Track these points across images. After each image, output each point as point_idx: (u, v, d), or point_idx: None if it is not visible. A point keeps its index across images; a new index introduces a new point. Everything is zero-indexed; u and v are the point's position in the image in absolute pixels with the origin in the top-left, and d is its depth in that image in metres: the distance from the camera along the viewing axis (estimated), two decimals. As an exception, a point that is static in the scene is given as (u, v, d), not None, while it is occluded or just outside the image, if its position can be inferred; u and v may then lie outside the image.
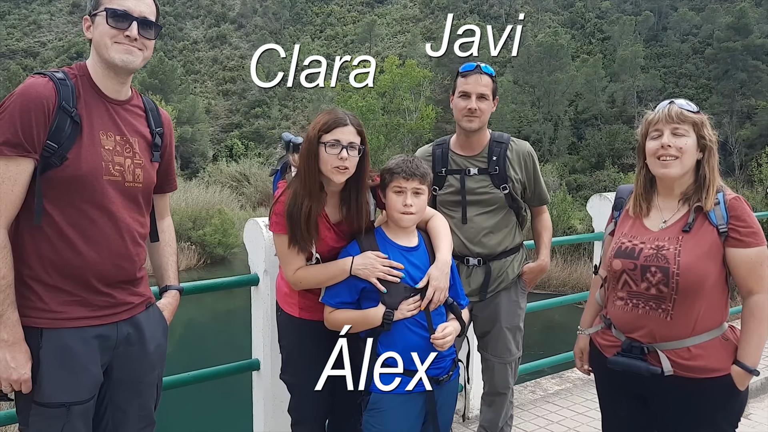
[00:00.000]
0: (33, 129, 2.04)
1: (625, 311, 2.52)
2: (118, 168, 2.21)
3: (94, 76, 2.24)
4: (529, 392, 4.79)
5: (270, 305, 3.31)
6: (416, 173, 2.63)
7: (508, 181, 3.29)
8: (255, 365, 3.45)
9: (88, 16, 2.23)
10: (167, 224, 2.60)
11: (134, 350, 2.28)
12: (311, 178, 2.59)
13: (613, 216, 2.76)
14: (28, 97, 2.06)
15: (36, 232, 2.10)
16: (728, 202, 2.41)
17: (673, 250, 2.40)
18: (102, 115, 2.22)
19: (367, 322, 2.57)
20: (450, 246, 2.74)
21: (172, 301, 2.52)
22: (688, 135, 2.44)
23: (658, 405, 2.51)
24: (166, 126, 2.44)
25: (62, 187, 2.10)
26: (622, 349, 2.51)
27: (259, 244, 3.33)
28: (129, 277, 2.28)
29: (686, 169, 2.46)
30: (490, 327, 3.41)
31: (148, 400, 2.36)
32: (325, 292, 2.68)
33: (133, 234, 2.27)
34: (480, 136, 3.33)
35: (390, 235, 2.69)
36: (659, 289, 2.41)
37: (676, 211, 2.50)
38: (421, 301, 2.57)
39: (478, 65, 3.23)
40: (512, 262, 3.39)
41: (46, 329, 2.09)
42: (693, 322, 2.40)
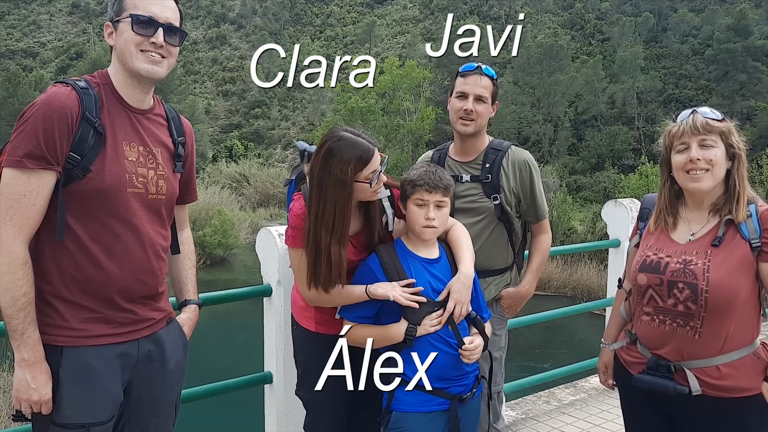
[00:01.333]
0: (56, 141, 1.96)
1: (651, 327, 2.42)
2: (142, 180, 2.14)
3: (116, 84, 2.16)
4: (543, 403, 4.70)
5: (283, 317, 3.23)
6: (439, 185, 2.53)
7: (500, 191, 3.07)
8: (267, 378, 3.36)
9: (110, 22, 2.15)
10: (186, 236, 2.52)
11: (155, 367, 2.21)
12: (342, 224, 2.43)
13: (638, 227, 2.66)
14: (51, 107, 1.98)
15: (57, 247, 2.02)
16: (761, 214, 2.31)
17: (702, 265, 2.30)
18: (125, 125, 2.14)
19: (389, 338, 2.48)
20: (472, 257, 2.64)
21: (192, 316, 2.44)
22: (717, 146, 2.33)
23: (687, 425, 2.42)
24: (188, 135, 2.37)
25: (85, 201, 2.03)
26: (647, 367, 2.42)
27: (272, 255, 3.24)
28: (151, 292, 2.20)
29: (718, 181, 2.36)
30: None
31: (166, 420, 2.29)
32: (342, 307, 2.59)
33: (156, 248, 2.20)
34: (476, 142, 3.14)
35: (410, 247, 2.60)
36: (687, 306, 2.31)
37: (705, 223, 2.40)
38: (443, 314, 2.48)
39: (479, 66, 3.07)
40: (490, 284, 3.12)
41: (66, 347, 2.02)
42: (723, 340, 2.30)
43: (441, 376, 2.49)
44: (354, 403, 2.74)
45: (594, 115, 55.29)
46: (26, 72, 64.70)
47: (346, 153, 2.40)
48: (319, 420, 2.76)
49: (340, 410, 2.73)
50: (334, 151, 2.41)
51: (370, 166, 2.44)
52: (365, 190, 2.47)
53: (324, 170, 2.41)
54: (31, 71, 70.20)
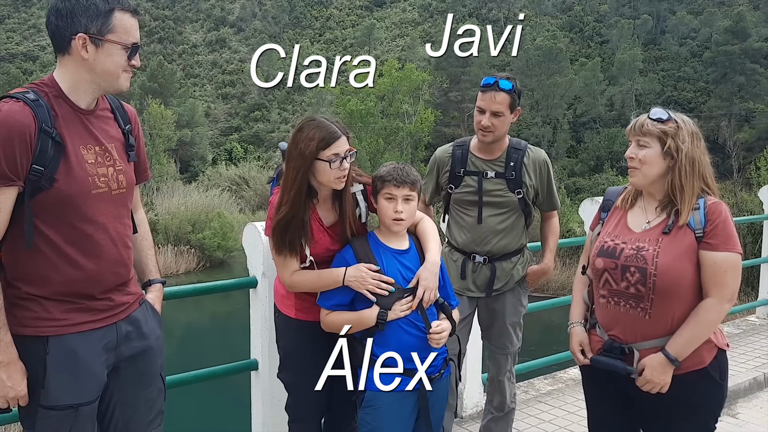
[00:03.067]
0: (17, 158, 2.04)
1: (607, 309, 2.61)
2: (104, 179, 2.25)
3: (69, 91, 2.21)
4: (522, 392, 4.89)
5: (268, 307, 3.41)
6: (407, 181, 2.73)
7: (523, 186, 3.45)
8: (253, 365, 3.54)
9: (87, 35, 2.16)
10: (141, 217, 2.63)
11: (135, 345, 2.36)
12: (300, 191, 2.67)
13: (600, 217, 2.84)
14: (8, 126, 2.04)
15: (34, 253, 2.13)
16: (708, 207, 2.49)
17: (652, 251, 2.50)
18: (79, 129, 2.22)
19: (362, 322, 2.67)
20: (438, 248, 2.84)
21: (159, 294, 2.59)
22: (650, 146, 2.54)
23: (642, 402, 2.59)
24: (133, 121, 2.46)
25: (54, 208, 2.14)
26: (603, 349, 2.60)
27: (257, 248, 3.43)
28: (124, 280, 2.35)
29: (650, 179, 2.56)
30: (493, 321, 3.63)
31: (156, 393, 2.44)
32: (320, 296, 2.78)
33: (124, 240, 2.34)
34: (498, 143, 3.48)
35: (382, 239, 2.79)
36: (637, 288, 2.50)
37: (658, 213, 2.59)
38: (413, 300, 2.67)
39: (497, 81, 3.33)
40: (516, 264, 3.56)
41: (51, 336, 2.16)
42: (670, 321, 2.48)
43: (410, 358, 2.68)
44: (332, 384, 2.93)
45: (593, 117, 55.51)
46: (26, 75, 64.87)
47: (313, 131, 2.66)
48: (300, 400, 2.94)
49: (319, 391, 2.90)
50: (304, 129, 2.68)
51: (332, 147, 2.65)
52: (326, 172, 2.66)
53: (293, 144, 2.68)
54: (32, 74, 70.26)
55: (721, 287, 2.45)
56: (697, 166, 2.53)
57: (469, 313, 3.59)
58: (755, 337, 6.38)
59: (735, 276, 2.47)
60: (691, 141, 2.53)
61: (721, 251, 2.45)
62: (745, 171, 44.56)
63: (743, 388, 5.02)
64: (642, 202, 2.67)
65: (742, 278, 2.61)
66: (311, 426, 2.99)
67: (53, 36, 2.22)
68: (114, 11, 2.17)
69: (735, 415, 4.66)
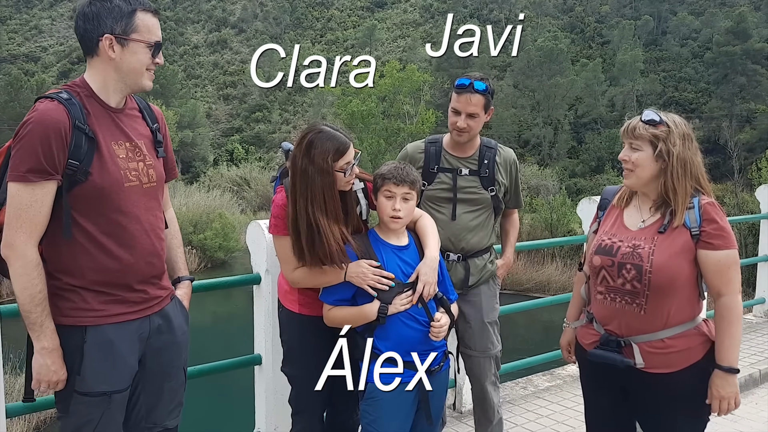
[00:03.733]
0: (54, 153, 2.17)
1: (603, 305, 2.67)
2: (135, 173, 2.38)
3: (99, 90, 2.34)
4: (520, 388, 4.97)
5: (271, 303, 3.49)
6: (406, 180, 2.81)
7: (496, 183, 3.49)
8: (257, 360, 3.62)
9: (113, 36, 2.29)
10: (171, 215, 2.75)
11: (164, 338, 2.48)
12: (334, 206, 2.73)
13: (598, 216, 2.91)
14: (45, 123, 2.17)
15: (72, 244, 2.26)
16: (702, 207, 2.56)
17: (648, 249, 2.56)
18: (110, 126, 2.36)
19: (364, 317, 2.75)
20: (437, 243, 2.92)
21: (188, 291, 2.71)
22: (642, 149, 2.59)
23: (637, 395, 2.66)
24: (160, 120, 2.60)
25: (90, 200, 2.26)
26: (600, 343, 2.67)
27: (261, 245, 3.51)
28: (158, 271, 2.48)
29: (643, 181, 2.62)
30: (469, 322, 3.52)
31: (178, 385, 2.56)
32: (323, 291, 2.86)
33: (156, 231, 2.46)
34: (472, 141, 3.52)
35: (382, 236, 2.87)
36: (633, 285, 2.56)
37: (653, 212, 2.65)
38: (413, 295, 2.75)
39: (472, 83, 3.34)
40: (487, 261, 3.59)
41: (90, 326, 2.28)
42: (665, 317, 2.55)
43: (411, 350, 2.76)
44: (335, 377, 3.00)
45: (594, 118, 55.50)
46: (28, 76, 64.91)
47: (325, 144, 2.70)
48: (302, 393, 3.01)
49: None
50: (315, 143, 2.71)
51: (345, 157, 2.73)
52: (340, 180, 2.75)
53: (307, 159, 2.71)
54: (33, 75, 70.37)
55: (730, 283, 2.53)
56: (688, 167, 2.58)
57: None
58: (752, 334, 6.45)
59: (737, 269, 2.56)
60: (682, 143, 2.58)
61: (722, 250, 2.52)
62: (747, 172, 44.54)
63: (740, 384, 5.06)
64: (637, 201, 2.73)
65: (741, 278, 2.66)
66: (314, 418, 3.06)
67: (82, 39, 2.34)
68: (136, 12, 2.31)
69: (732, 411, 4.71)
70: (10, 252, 2.19)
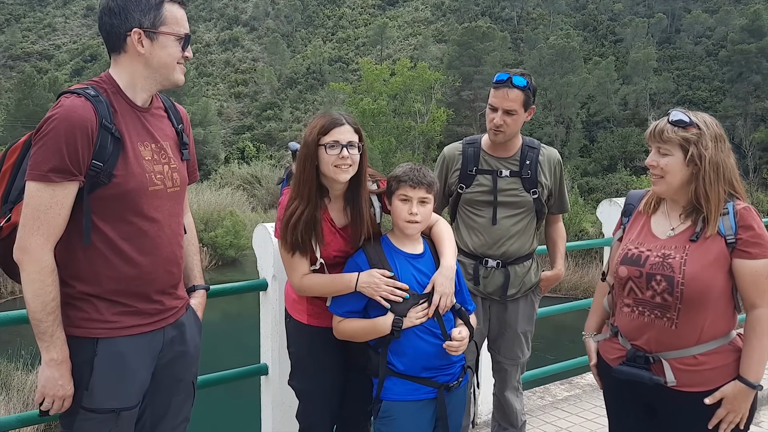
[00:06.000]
0: (79, 153, 2.05)
1: (630, 318, 2.51)
2: (159, 176, 2.25)
3: (126, 88, 2.22)
4: (538, 398, 4.78)
5: (278, 310, 3.33)
6: (423, 182, 2.63)
7: (538, 185, 3.32)
8: (263, 370, 3.46)
9: (141, 30, 2.17)
10: (189, 220, 2.61)
11: (177, 351, 2.34)
12: (308, 182, 2.61)
13: (622, 222, 2.74)
14: (71, 120, 2.04)
15: (89, 249, 2.13)
16: (738, 213, 2.39)
17: (679, 259, 2.39)
18: (136, 125, 2.23)
19: (377, 330, 2.58)
20: (454, 252, 2.74)
21: (203, 301, 2.57)
22: (671, 154, 2.42)
23: (667, 415, 2.49)
24: (185, 121, 2.48)
25: (112, 204, 2.14)
26: (626, 358, 2.50)
27: (267, 250, 3.35)
28: (176, 280, 2.35)
29: (673, 187, 2.45)
30: (504, 330, 3.45)
31: (185, 398, 2.42)
32: (332, 302, 2.69)
33: (177, 238, 2.34)
34: (512, 141, 3.35)
35: (396, 243, 2.70)
36: (664, 297, 2.40)
37: (683, 219, 2.48)
38: (429, 307, 2.57)
39: (510, 77, 3.19)
40: (530, 268, 3.42)
41: (101, 338, 2.15)
42: (699, 332, 2.39)
43: (428, 366, 2.59)
44: (345, 392, 2.85)
45: (606, 116, 55.12)
46: (41, 74, 65.35)
47: (316, 120, 2.64)
48: (311, 409, 2.86)
49: (331, 400, 2.83)
50: (311, 121, 2.67)
51: (332, 133, 2.59)
52: (326, 160, 2.59)
53: (303, 137, 2.64)
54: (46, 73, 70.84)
55: (765, 294, 2.36)
56: (721, 171, 2.41)
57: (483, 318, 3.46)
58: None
59: None
60: (714, 145, 2.40)
61: (760, 259, 2.35)
62: (762, 171, 44.21)
63: (764, 396, 4.88)
64: (665, 207, 2.56)
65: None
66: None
67: (108, 36, 2.22)
68: (164, 3, 2.20)
69: (758, 423, 4.52)
70: (24, 256, 2.05)
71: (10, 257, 2.10)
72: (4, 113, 52.45)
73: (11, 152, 2.22)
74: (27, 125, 46.39)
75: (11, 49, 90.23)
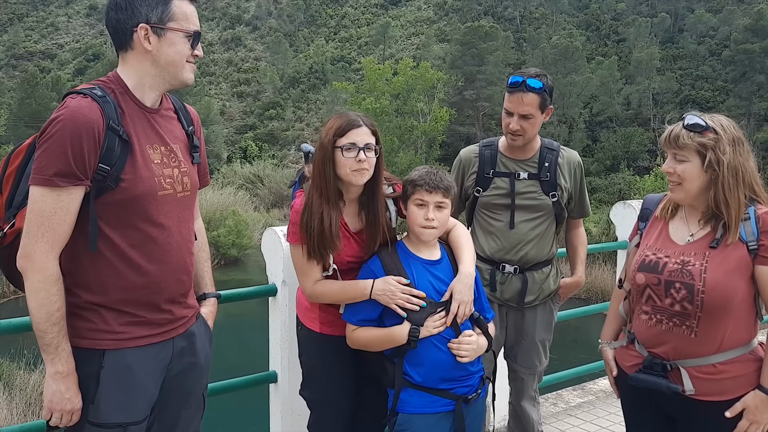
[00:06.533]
0: (85, 156, 1.96)
1: (648, 326, 2.44)
2: (169, 181, 2.16)
3: (134, 88, 2.13)
4: (550, 405, 4.69)
5: (288, 316, 3.24)
6: (440, 186, 2.53)
7: (558, 188, 3.21)
8: (272, 377, 3.37)
9: (148, 26, 2.08)
10: (199, 225, 2.52)
11: (187, 362, 2.26)
12: (328, 185, 2.51)
13: (639, 227, 2.67)
14: (78, 122, 1.95)
15: (96, 257, 2.04)
16: (760, 218, 2.31)
17: (699, 266, 2.32)
18: (145, 127, 2.14)
19: (392, 340, 2.49)
20: (473, 257, 2.65)
21: (213, 309, 2.48)
22: (688, 160, 2.34)
23: (686, 424, 2.42)
24: (195, 123, 2.39)
25: (119, 210, 2.05)
26: (643, 366, 2.44)
27: (277, 254, 3.26)
28: (186, 289, 2.26)
29: (692, 194, 2.38)
30: (521, 338, 3.34)
31: (195, 411, 2.34)
32: (345, 309, 2.60)
33: (188, 245, 2.25)
34: (530, 143, 3.24)
35: (412, 249, 2.61)
36: (683, 306, 2.33)
37: (702, 225, 2.41)
38: (447, 316, 2.48)
39: (525, 80, 3.07)
40: (549, 274, 3.31)
41: (108, 350, 2.06)
42: (719, 340, 2.31)
43: (446, 377, 2.50)
44: (358, 404, 2.75)
45: (609, 116, 54.99)
46: (44, 73, 65.41)
47: (332, 121, 2.56)
48: (323, 420, 2.76)
49: (344, 411, 2.73)
50: (326, 122, 2.58)
51: (348, 135, 2.49)
52: (343, 163, 2.50)
53: (319, 138, 2.56)
54: (49, 72, 70.92)
55: None
56: (741, 175, 2.33)
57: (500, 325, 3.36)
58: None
59: None
60: (732, 149, 2.32)
61: None
62: (766, 170, 44.05)
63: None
64: (683, 212, 2.49)
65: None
66: (335, 446, 2.81)
67: (114, 32, 2.13)
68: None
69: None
70: (28, 264, 1.96)
71: (14, 265, 2.01)
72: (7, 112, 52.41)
73: (15, 155, 2.13)
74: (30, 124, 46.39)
75: (14, 48, 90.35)
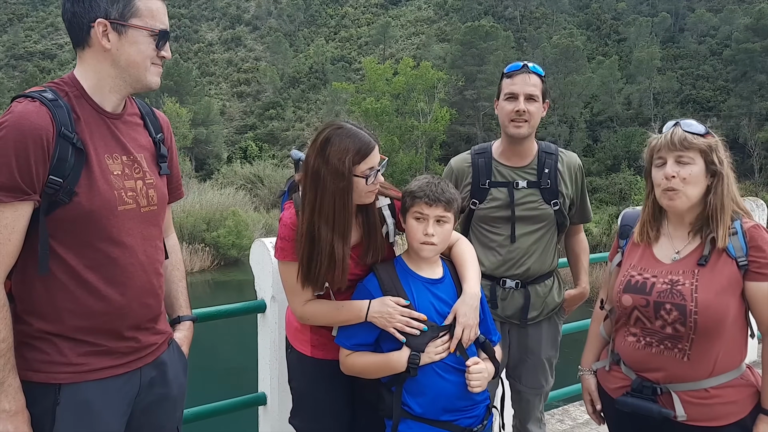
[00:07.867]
0: (32, 168, 1.73)
1: (636, 348, 2.28)
2: (131, 194, 1.93)
3: (92, 90, 1.91)
4: (557, 422, 4.46)
5: (278, 334, 3.02)
6: (441, 199, 2.29)
7: (560, 196, 2.95)
8: (261, 400, 3.15)
9: (107, 21, 1.86)
10: (173, 242, 2.29)
11: (157, 394, 2.02)
12: (343, 218, 2.24)
13: (619, 245, 2.49)
14: (22, 129, 1.74)
15: (49, 280, 1.81)
16: (747, 232, 2.18)
17: (689, 285, 2.18)
18: (104, 135, 1.91)
19: (390, 367, 2.25)
20: (478, 276, 2.41)
21: (189, 335, 2.24)
22: (694, 163, 2.20)
23: None
24: (166, 130, 2.14)
25: (74, 227, 1.82)
26: (632, 389, 2.28)
27: (266, 268, 3.03)
28: (155, 314, 2.02)
29: (693, 201, 2.22)
30: (525, 357, 3.09)
31: None
32: (339, 332, 2.37)
33: (155, 265, 2.01)
34: (528, 145, 2.98)
35: (412, 266, 2.37)
36: (675, 328, 2.18)
37: (689, 241, 2.26)
38: (450, 341, 2.25)
39: (525, 64, 2.90)
40: (552, 287, 3.06)
41: (64, 384, 1.83)
42: (712, 363, 2.18)
43: (449, 408, 2.27)
44: (352, 429, 2.53)
45: (610, 116, 54.88)
46: (44, 74, 65.30)
47: (345, 142, 2.21)
48: (315, 452, 2.54)
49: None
50: (333, 140, 2.22)
51: (368, 160, 2.23)
52: (361, 188, 2.25)
53: (321, 158, 2.21)
54: (49, 73, 70.76)
55: None
56: (732, 182, 2.26)
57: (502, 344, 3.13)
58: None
59: None
60: (725, 155, 2.25)
61: None
62: (766, 171, 43.80)
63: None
64: (667, 229, 2.33)
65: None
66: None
67: (70, 26, 1.92)
68: None
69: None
70: None
71: None
72: (5, 113, 52.29)
73: None
74: (28, 125, 46.24)
75: (14, 48, 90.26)
